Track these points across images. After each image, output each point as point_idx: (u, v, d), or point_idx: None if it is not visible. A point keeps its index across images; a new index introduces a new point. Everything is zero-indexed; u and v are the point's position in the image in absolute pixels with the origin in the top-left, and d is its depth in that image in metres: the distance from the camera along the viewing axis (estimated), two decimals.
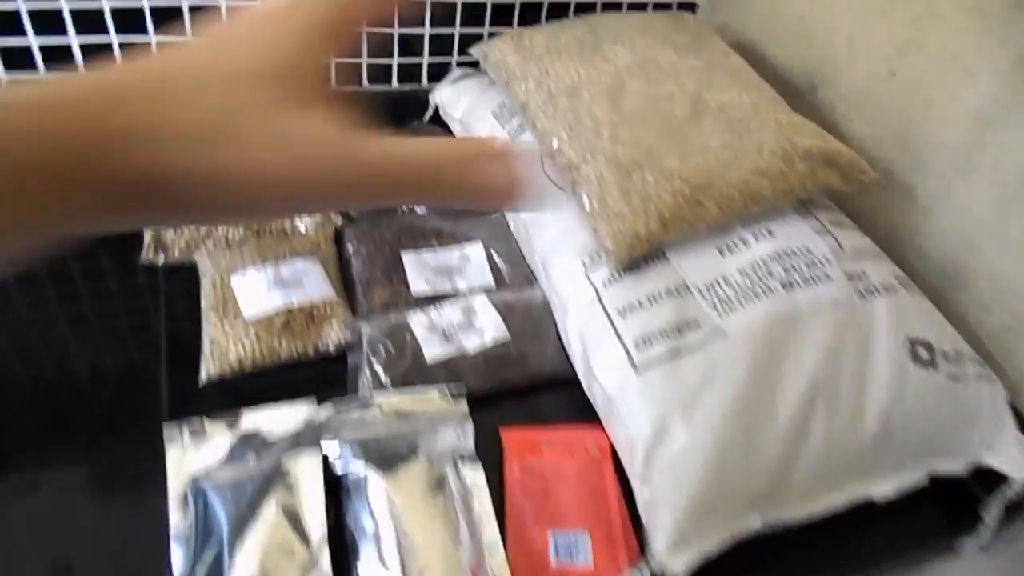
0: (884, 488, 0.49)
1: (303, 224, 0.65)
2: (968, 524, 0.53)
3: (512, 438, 0.52)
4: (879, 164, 0.64)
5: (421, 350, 0.55)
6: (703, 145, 0.56)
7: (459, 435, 0.51)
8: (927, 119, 0.59)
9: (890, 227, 0.64)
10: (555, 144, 0.57)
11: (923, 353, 0.51)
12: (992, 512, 0.52)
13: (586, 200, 0.54)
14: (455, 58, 0.78)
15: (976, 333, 0.58)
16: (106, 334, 0.58)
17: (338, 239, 0.65)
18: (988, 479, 0.52)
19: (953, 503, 0.52)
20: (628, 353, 0.50)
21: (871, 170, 0.57)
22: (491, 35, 0.77)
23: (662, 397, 0.48)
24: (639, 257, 0.53)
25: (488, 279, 0.62)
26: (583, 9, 0.78)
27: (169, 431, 0.48)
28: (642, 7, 0.81)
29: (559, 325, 0.58)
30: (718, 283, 0.52)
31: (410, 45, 0.75)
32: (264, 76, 0.23)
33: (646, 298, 0.52)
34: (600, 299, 0.53)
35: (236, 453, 0.48)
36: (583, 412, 0.55)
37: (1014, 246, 0.55)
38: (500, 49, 0.65)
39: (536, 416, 0.55)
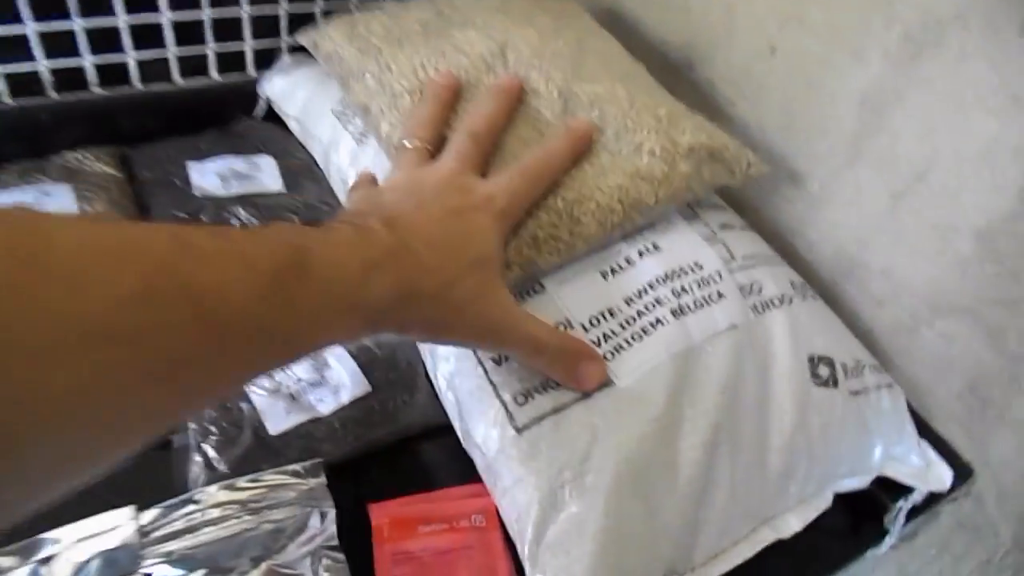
0: (791, 524, 0.45)
1: None
2: (870, 529, 0.51)
3: (382, 518, 0.44)
4: (764, 150, 0.59)
5: (263, 422, 0.46)
6: None
7: (317, 524, 0.43)
8: (812, 102, 0.54)
9: (777, 218, 0.59)
10: None
11: (824, 371, 0.47)
12: (896, 523, 0.50)
13: None
14: (284, 40, 0.66)
15: (869, 330, 0.55)
16: None
17: None
18: (888, 484, 0.50)
19: (854, 511, 0.50)
20: (507, 410, 0.43)
21: (760, 163, 0.52)
22: (326, 13, 0.66)
23: (548, 463, 0.41)
24: (512, 288, 0.46)
25: None
26: None
27: None
28: None
29: (429, 369, 0.50)
30: (604, 316, 0.45)
31: (228, 29, 0.63)
32: (493, 261, 0.38)
33: None
34: None
35: None
36: (463, 465, 0.48)
37: (907, 240, 0.51)
38: (331, 38, 0.55)
39: (410, 478, 0.48)
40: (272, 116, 0.67)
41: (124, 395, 0.21)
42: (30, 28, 0.55)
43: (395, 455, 0.49)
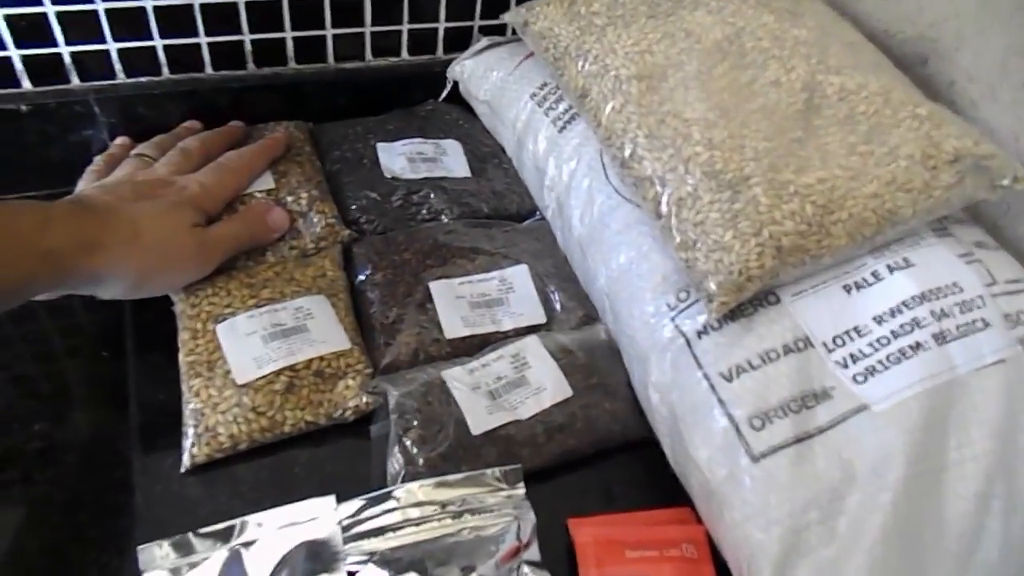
0: None
1: (306, 235, 0.52)
2: None
3: (586, 537, 0.41)
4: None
5: (465, 420, 0.43)
6: (823, 149, 0.43)
7: (519, 535, 0.40)
8: None
9: None
10: (627, 149, 0.44)
11: None
12: None
13: (675, 224, 0.42)
14: (477, 23, 0.64)
15: None
16: (60, 397, 0.46)
17: (347, 259, 0.52)
18: None
19: None
20: (740, 433, 0.38)
21: None
22: None
23: (790, 498, 0.36)
24: (747, 300, 0.41)
25: (538, 313, 0.50)
26: None
27: (146, 555, 0.37)
28: None
29: (635, 379, 0.46)
30: (850, 336, 0.40)
31: (422, 9, 0.61)
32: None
33: (758, 356, 0.40)
34: (694, 354, 0.41)
35: None
36: (665, 483, 0.44)
37: None
38: (547, 16, 0.51)
39: (609, 493, 0.44)
40: (454, 99, 0.65)
41: None
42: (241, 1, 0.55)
43: (592, 466, 0.45)
